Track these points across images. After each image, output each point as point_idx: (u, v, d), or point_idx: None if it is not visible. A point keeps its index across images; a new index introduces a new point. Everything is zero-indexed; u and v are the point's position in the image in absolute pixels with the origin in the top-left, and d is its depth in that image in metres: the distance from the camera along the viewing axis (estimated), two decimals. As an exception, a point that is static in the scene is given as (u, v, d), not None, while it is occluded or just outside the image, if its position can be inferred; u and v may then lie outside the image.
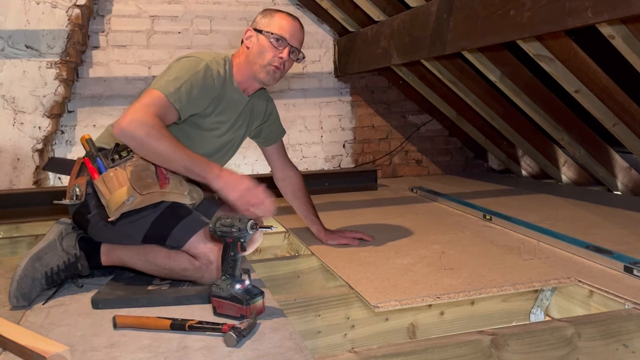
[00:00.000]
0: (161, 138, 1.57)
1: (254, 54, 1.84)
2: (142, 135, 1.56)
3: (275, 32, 1.82)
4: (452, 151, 4.41)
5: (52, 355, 1.16)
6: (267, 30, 1.83)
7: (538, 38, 2.52)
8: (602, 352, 1.41)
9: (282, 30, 1.83)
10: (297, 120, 4.03)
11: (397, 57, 3.09)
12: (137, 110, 1.60)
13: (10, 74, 3.23)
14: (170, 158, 1.59)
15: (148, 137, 1.56)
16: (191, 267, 1.66)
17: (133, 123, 1.56)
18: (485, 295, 1.65)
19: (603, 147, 3.20)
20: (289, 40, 1.83)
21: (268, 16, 1.86)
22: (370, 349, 1.27)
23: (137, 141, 1.58)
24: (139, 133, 1.56)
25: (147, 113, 1.59)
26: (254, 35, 1.86)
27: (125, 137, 1.59)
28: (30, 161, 3.32)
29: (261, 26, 1.85)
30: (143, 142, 1.57)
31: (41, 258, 1.65)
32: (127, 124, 1.56)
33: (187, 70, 1.74)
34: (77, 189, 1.71)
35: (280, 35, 1.82)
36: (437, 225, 2.54)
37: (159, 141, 1.57)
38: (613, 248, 1.95)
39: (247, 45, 1.87)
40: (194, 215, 1.72)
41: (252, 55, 1.84)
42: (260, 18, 1.88)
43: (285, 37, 1.83)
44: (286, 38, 1.83)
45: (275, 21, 1.84)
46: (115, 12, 3.62)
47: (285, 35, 1.83)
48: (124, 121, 1.57)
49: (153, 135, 1.56)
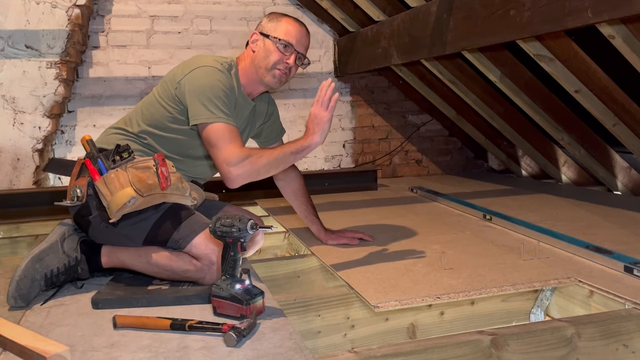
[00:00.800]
0: (262, 159, 1.69)
1: (260, 58, 1.85)
2: (250, 170, 1.68)
3: (283, 38, 1.83)
4: (452, 151, 4.41)
5: (52, 355, 1.16)
6: (274, 35, 1.83)
7: (538, 38, 2.52)
8: (602, 352, 1.41)
9: (289, 36, 1.83)
10: (297, 120, 4.03)
11: (397, 57, 3.09)
12: (227, 161, 1.67)
13: (10, 74, 3.23)
14: (279, 162, 1.72)
15: (256, 166, 1.68)
16: (193, 268, 1.67)
17: (237, 171, 1.67)
18: (485, 295, 1.65)
19: (603, 147, 3.20)
20: (295, 46, 1.84)
21: (275, 20, 1.86)
22: (370, 349, 1.27)
23: (252, 177, 1.70)
24: (248, 172, 1.68)
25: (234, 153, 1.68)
26: (260, 39, 1.86)
27: (242, 183, 1.70)
28: (30, 161, 3.32)
29: (268, 30, 1.85)
30: (257, 173, 1.70)
31: (42, 259, 1.65)
32: (234, 176, 1.68)
33: (215, 84, 1.77)
34: (78, 190, 1.71)
35: (287, 41, 1.83)
36: (437, 225, 2.54)
37: (264, 161, 1.69)
38: (613, 248, 1.95)
39: (252, 49, 1.87)
40: (196, 217, 1.72)
41: (257, 59, 1.85)
42: (266, 22, 1.88)
43: (292, 43, 1.83)
44: (293, 44, 1.84)
45: (282, 26, 1.84)
46: (115, 12, 3.62)
47: (292, 41, 1.83)
48: (230, 176, 1.68)
49: (255, 162, 1.68)
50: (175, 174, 1.71)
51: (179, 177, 1.73)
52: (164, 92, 1.85)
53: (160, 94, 1.86)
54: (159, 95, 1.86)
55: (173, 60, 3.72)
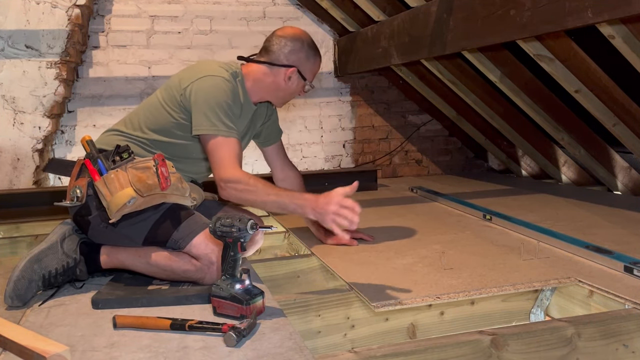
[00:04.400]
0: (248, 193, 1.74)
1: (288, 93, 1.99)
2: (236, 197, 1.77)
3: (311, 81, 2.00)
4: (452, 151, 4.41)
5: (52, 355, 1.16)
6: (308, 79, 1.98)
7: (538, 38, 2.52)
8: (602, 352, 1.41)
9: (313, 76, 2.01)
10: (297, 120, 4.03)
11: (397, 57, 3.09)
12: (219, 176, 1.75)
13: (10, 74, 3.23)
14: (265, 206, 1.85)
15: (241, 195, 1.76)
16: (192, 269, 1.67)
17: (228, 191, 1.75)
18: (485, 295, 1.65)
19: (603, 147, 3.20)
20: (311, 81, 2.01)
21: (312, 60, 1.98)
22: (370, 349, 1.27)
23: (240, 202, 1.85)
24: (232, 197, 1.77)
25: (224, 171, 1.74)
26: (295, 78, 1.96)
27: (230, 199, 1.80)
28: (30, 161, 3.32)
29: (305, 72, 1.96)
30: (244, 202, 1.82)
31: (41, 260, 1.65)
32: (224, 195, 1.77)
33: (221, 95, 1.81)
34: (78, 191, 1.71)
35: (312, 83, 2.01)
36: (437, 225, 2.54)
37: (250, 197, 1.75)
38: (613, 248, 1.95)
39: (285, 81, 1.95)
40: (195, 217, 1.72)
41: (284, 91, 1.98)
42: (304, 59, 1.97)
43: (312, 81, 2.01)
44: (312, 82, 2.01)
45: (314, 68, 1.99)
46: (115, 12, 3.62)
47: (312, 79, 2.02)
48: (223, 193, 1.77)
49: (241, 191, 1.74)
50: (175, 174, 1.71)
51: (178, 178, 1.73)
52: (169, 97, 1.86)
53: (165, 99, 1.87)
54: (164, 100, 1.87)
55: (173, 60, 3.72)
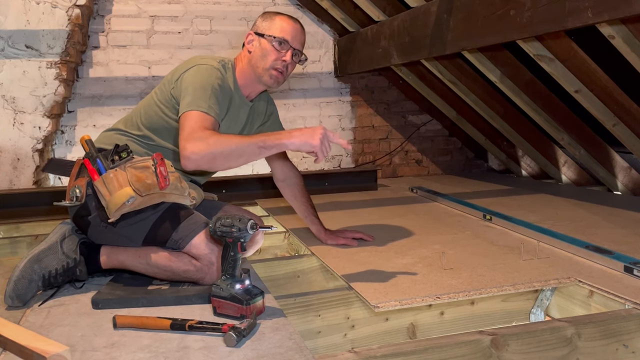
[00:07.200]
0: (221, 141, 1.59)
1: (256, 58, 1.85)
2: (206, 150, 1.58)
3: (277, 36, 1.83)
4: (452, 151, 4.41)
5: (52, 355, 1.16)
6: (268, 34, 1.84)
7: (538, 38, 2.52)
8: (602, 352, 1.41)
9: (284, 33, 1.83)
10: (297, 120, 4.03)
11: (397, 57, 3.09)
12: (187, 138, 1.61)
13: (10, 74, 3.23)
14: (242, 152, 1.60)
15: (212, 147, 1.58)
16: (192, 269, 1.66)
17: (191, 148, 1.58)
18: (485, 295, 1.65)
19: (603, 147, 3.20)
20: (291, 42, 1.84)
21: (268, 19, 1.87)
22: (370, 349, 1.27)
23: (206, 158, 1.59)
24: (202, 151, 1.58)
25: (195, 132, 1.61)
26: (255, 39, 1.86)
27: (195, 164, 1.61)
28: (30, 161, 3.32)
29: (262, 30, 1.86)
30: (212, 155, 1.59)
31: (41, 260, 1.65)
32: (188, 153, 1.59)
33: (206, 79, 1.75)
34: (77, 190, 1.71)
35: (282, 37, 1.83)
36: (437, 225, 2.54)
37: (223, 144, 1.59)
38: (613, 248, 1.95)
39: (249, 50, 1.87)
40: (195, 216, 1.72)
41: (254, 59, 1.85)
42: (260, 21, 1.89)
43: (287, 39, 1.83)
44: (288, 40, 1.84)
45: (277, 24, 1.85)
46: (115, 12, 3.62)
47: (287, 37, 1.83)
48: (184, 153, 1.60)
49: (213, 143, 1.58)
50: (174, 173, 1.71)
51: (177, 177, 1.73)
52: (162, 94, 1.85)
53: (159, 98, 1.86)
54: (158, 99, 1.87)
55: (173, 60, 3.72)
